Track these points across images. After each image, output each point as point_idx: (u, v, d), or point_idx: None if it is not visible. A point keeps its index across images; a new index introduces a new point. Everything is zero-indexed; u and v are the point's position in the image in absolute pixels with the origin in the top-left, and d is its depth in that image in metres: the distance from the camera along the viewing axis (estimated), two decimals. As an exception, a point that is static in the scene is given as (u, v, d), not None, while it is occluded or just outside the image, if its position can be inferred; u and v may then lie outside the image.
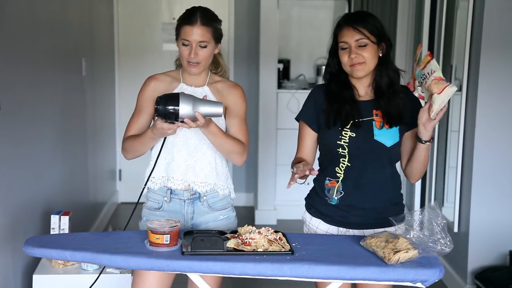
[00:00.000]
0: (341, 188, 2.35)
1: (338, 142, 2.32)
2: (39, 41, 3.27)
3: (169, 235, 2.10)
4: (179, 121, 2.18)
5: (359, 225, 2.38)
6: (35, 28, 3.20)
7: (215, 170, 2.44)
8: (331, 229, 2.42)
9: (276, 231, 2.22)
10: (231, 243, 2.16)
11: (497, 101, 3.50)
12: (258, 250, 2.11)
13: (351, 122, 2.32)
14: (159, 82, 2.44)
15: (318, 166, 2.44)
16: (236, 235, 2.22)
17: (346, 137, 2.32)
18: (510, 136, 3.54)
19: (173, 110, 2.16)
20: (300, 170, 2.19)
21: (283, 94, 5.24)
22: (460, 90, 3.71)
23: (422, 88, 2.29)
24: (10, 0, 2.80)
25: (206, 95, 2.33)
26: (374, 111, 2.35)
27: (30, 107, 3.09)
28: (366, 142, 2.32)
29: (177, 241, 2.14)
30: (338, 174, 2.36)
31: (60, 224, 2.99)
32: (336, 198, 2.36)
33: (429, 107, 2.19)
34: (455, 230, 3.71)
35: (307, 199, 2.50)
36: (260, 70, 5.17)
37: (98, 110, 4.86)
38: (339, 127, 2.32)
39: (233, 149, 2.39)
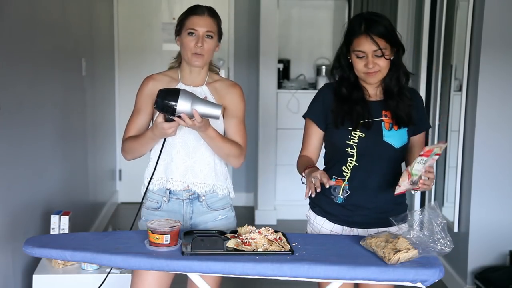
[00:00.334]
0: (347, 187, 2.36)
1: (347, 142, 2.32)
2: (39, 41, 3.26)
3: (169, 235, 2.10)
4: (176, 115, 2.17)
5: (364, 224, 2.38)
6: (35, 28, 3.19)
7: (214, 171, 2.43)
8: (336, 228, 2.42)
9: (276, 231, 2.22)
10: (231, 243, 2.16)
11: (497, 101, 3.50)
12: (258, 250, 2.11)
13: (361, 122, 2.32)
14: (157, 82, 2.43)
15: (323, 165, 2.46)
16: (236, 235, 2.22)
17: (355, 137, 2.32)
18: (510, 136, 3.54)
19: (171, 104, 2.15)
20: (318, 180, 2.16)
21: (283, 94, 5.23)
22: (460, 90, 3.71)
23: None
24: (10, 0, 2.80)
25: (207, 97, 2.33)
26: (383, 112, 2.35)
27: (30, 107, 3.09)
28: (376, 143, 2.32)
29: (177, 241, 2.14)
30: (344, 173, 2.36)
31: (60, 224, 2.99)
32: (342, 197, 2.37)
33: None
34: (455, 230, 3.71)
35: (312, 198, 2.47)
36: (260, 70, 5.17)
37: (98, 110, 4.86)
38: (349, 127, 2.32)
39: (230, 152, 2.39)
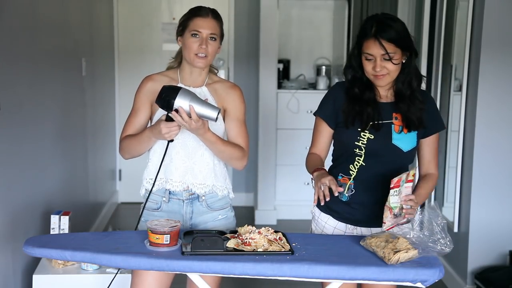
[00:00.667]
0: (352, 186, 2.37)
1: (356, 142, 2.33)
2: (39, 41, 3.26)
3: (169, 235, 2.10)
4: (173, 109, 2.18)
5: (367, 222, 2.39)
6: (35, 28, 3.19)
7: (213, 172, 2.43)
8: (339, 225, 2.43)
9: (276, 231, 2.22)
10: (231, 243, 2.16)
11: (497, 101, 3.50)
12: (258, 250, 2.11)
13: (371, 124, 2.32)
14: (156, 82, 2.42)
15: (331, 162, 2.47)
16: (236, 235, 2.22)
17: (364, 138, 2.32)
18: (510, 136, 3.54)
19: (169, 97, 2.18)
20: (326, 188, 2.18)
21: (283, 94, 5.23)
22: (460, 90, 3.71)
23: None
24: (10, 0, 2.80)
25: (207, 99, 2.32)
26: (394, 114, 2.35)
27: (30, 107, 3.09)
28: (384, 146, 2.33)
29: (177, 241, 2.14)
30: (351, 172, 2.37)
31: (60, 224, 2.99)
32: (347, 195, 2.38)
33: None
34: (455, 230, 3.71)
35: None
36: (260, 70, 5.17)
37: (98, 110, 4.86)
38: (358, 128, 2.33)
39: (232, 155, 2.39)
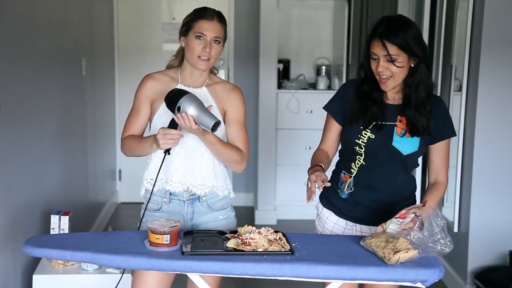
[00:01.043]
0: (352, 184, 2.38)
1: (356, 140, 2.35)
2: (39, 41, 3.26)
3: (169, 235, 2.10)
4: (176, 107, 2.21)
5: (366, 220, 2.40)
6: (35, 28, 3.19)
7: (213, 172, 2.43)
8: (340, 221, 2.44)
9: (276, 231, 2.22)
10: (231, 243, 2.16)
11: (497, 101, 3.50)
12: (258, 250, 2.11)
13: (374, 123, 2.32)
14: (156, 81, 2.43)
15: (338, 157, 2.49)
16: (236, 235, 2.22)
17: (365, 137, 2.33)
18: (510, 136, 3.53)
19: (175, 98, 2.22)
20: (313, 184, 2.20)
21: (283, 94, 5.23)
22: (460, 90, 3.71)
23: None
24: (10, 0, 2.80)
25: (211, 105, 2.32)
26: (399, 117, 2.34)
27: (30, 107, 3.09)
28: (383, 147, 2.33)
29: (177, 241, 2.14)
30: (352, 170, 2.38)
31: (60, 224, 2.99)
32: (346, 192, 2.40)
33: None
34: (455, 230, 3.71)
35: (322, 190, 2.51)
36: (260, 70, 5.17)
37: (98, 110, 4.86)
38: (361, 126, 2.34)
39: (231, 158, 2.39)
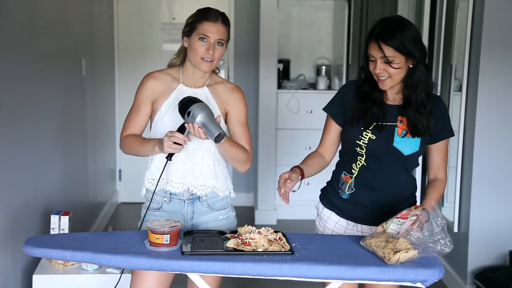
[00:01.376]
0: (353, 184, 2.38)
1: (357, 141, 2.34)
2: (39, 41, 3.26)
3: (169, 235, 2.10)
4: (186, 112, 2.22)
5: (367, 220, 2.40)
6: (35, 28, 3.19)
7: (214, 173, 2.43)
8: (341, 221, 2.45)
9: (276, 231, 2.22)
10: (231, 243, 2.16)
11: (497, 101, 3.50)
12: (258, 250, 2.11)
13: (374, 124, 2.32)
14: (157, 81, 2.43)
15: (338, 157, 2.50)
16: (236, 235, 2.22)
17: (366, 138, 2.33)
18: (510, 136, 3.53)
19: (187, 105, 2.24)
20: (281, 187, 2.28)
21: (283, 94, 5.23)
22: (460, 90, 3.71)
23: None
24: (10, 0, 2.80)
25: (220, 116, 2.31)
26: (399, 118, 2.34)
27: (30, 107, 3.09)
28: (384, 147, 2.33)
29: (177, 241, 2.14)
30: (353, 170, 2.38)
31: (60, 224, 2.99)
32: (347, 193, 2.40)
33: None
34: (455, 230, 3.71)
35: (322, 190, 2.54)
36: (260, 70, 5.17)
37: (98, 110, 4.86)
38: (361, 127, 2.34)
39: (236, 157, 2.39)
